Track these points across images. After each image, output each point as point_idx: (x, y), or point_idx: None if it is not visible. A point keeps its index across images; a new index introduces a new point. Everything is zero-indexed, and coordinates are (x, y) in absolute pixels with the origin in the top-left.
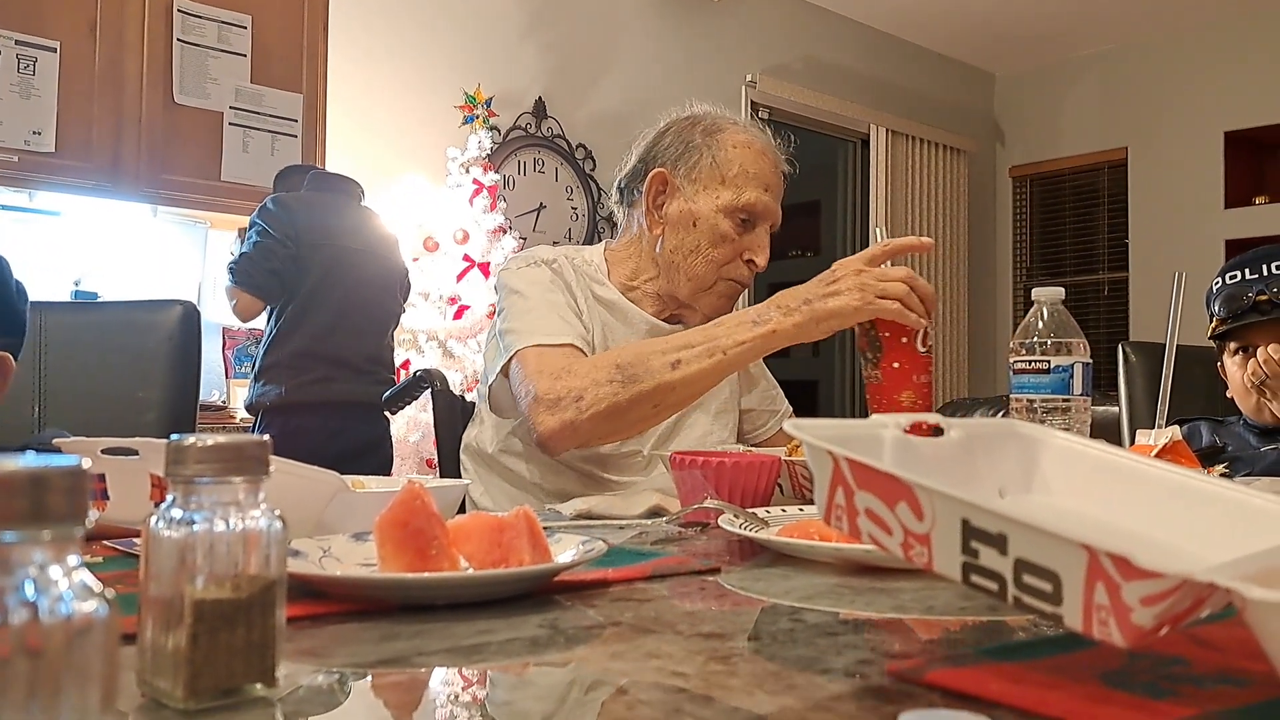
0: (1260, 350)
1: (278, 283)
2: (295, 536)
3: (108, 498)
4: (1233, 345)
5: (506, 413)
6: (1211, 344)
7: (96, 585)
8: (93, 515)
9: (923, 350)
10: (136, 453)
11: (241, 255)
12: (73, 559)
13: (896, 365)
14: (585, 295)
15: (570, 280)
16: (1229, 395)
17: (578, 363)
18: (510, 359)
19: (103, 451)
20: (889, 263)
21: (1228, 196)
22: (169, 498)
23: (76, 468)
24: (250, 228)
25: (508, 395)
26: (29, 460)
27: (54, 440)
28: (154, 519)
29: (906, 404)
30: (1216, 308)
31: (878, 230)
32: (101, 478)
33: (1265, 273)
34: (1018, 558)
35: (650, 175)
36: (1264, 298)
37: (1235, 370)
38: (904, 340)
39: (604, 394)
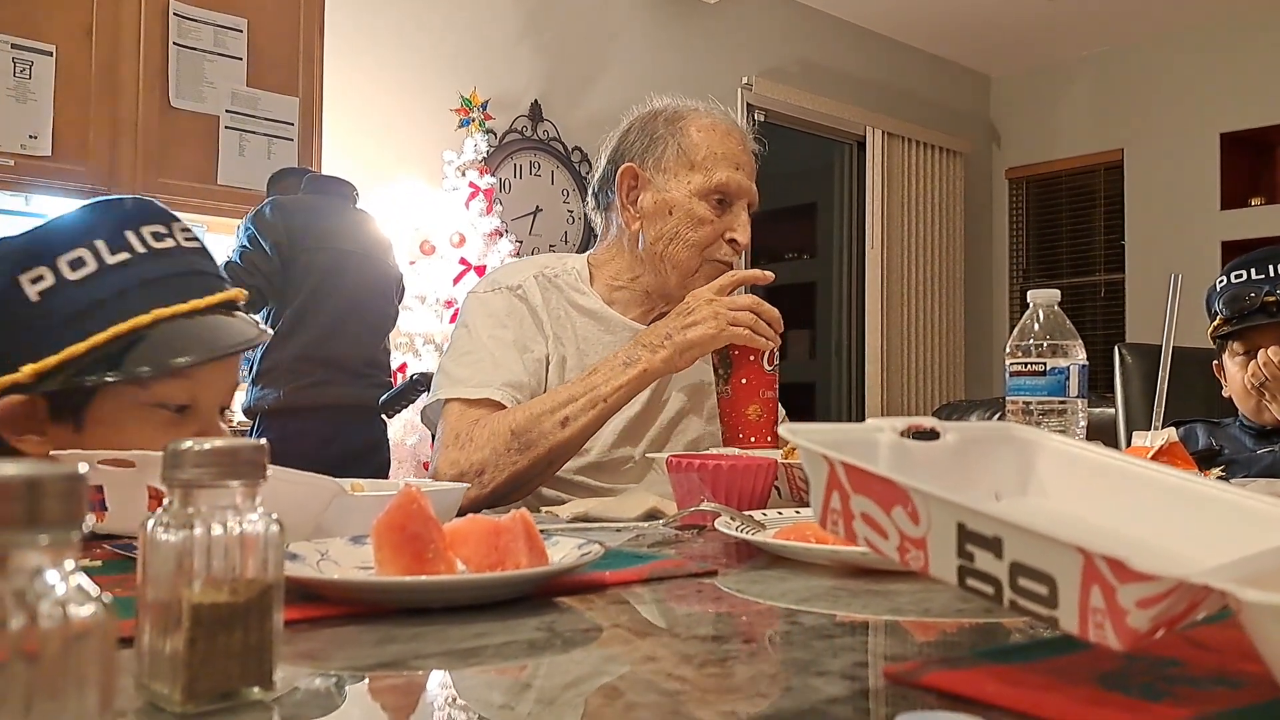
0: (1261, 352)
1: (259, 295)
2: (293, 541)
3: (106, 509)
4: (1237, 346)
5: (435, 430)
6: (1212, 344)
7: (94, 589)
8: (90, 524)
9: (769, 368)
10: (133, 465)
11: (226, 264)
12: (69, 563)
13: (745, 381)
14: (559, 312)
15: (536, 303)
16: (1226, 395)
17: (479, 429)
18: (437, 401)
19: (100, 463)
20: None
21: (1224, 198)
22: (166, 501)
23: (73, 472)
24: (241, 234)
25: (433, 428)
26: (25, 465)
27: (51, 452)
28: (151, 523)
29: (753, 417)
30: (1220, 307)
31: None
32: (99, 489)
33: (1273, 273)
34: (1013, 561)
35: (620, 171)
36: (1272, 299)
37: (1236, 371)
38: (751, 359)
39: (504, 464)
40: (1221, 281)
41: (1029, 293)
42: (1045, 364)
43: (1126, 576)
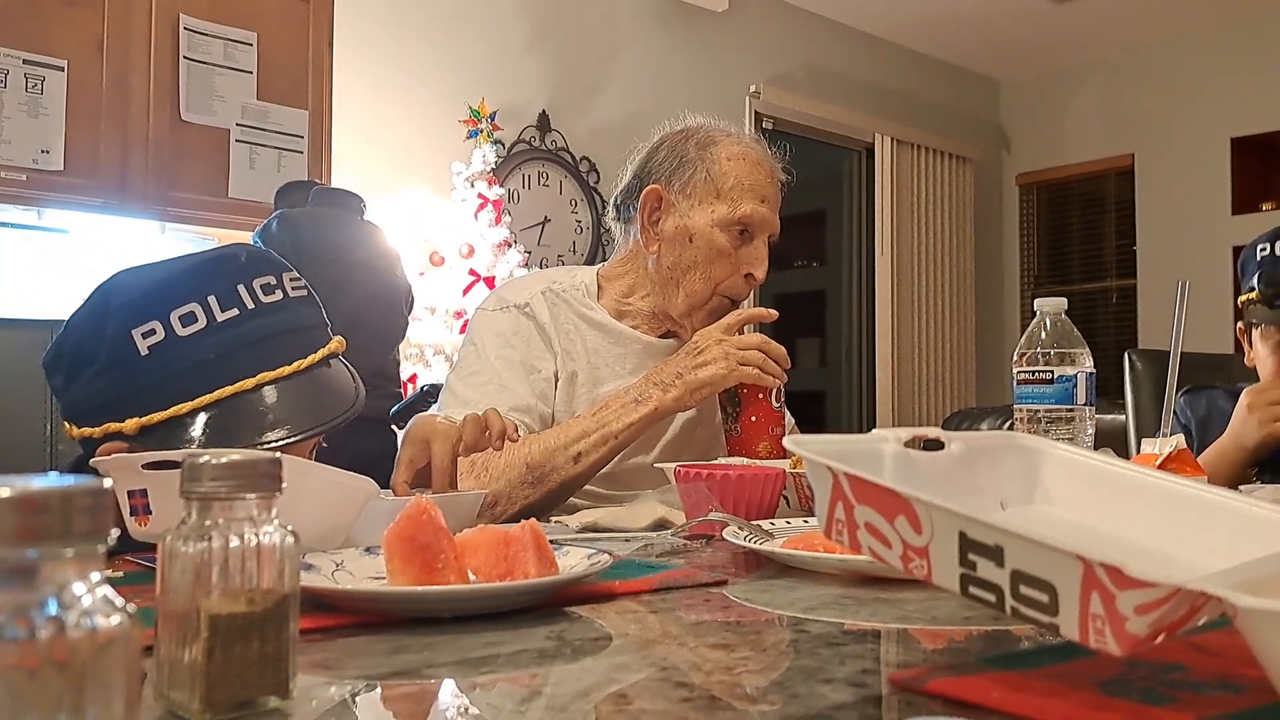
0: None
1: None
2: (330, 542)
3: (150, 512)
4: (1272, 331)
5: None
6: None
7: (119, 600)
8: (136, 530)
9: (776, 406)
10: (179, 465)
11: None
12: (95, 574)
13: (754, 419)
14: (568, 327)
15: (544, 320)
16: (1250, 364)
17: (495, 458)
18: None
19: (144, 466)
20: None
21: (1235, 203)
22: (185, 513)
23: (98, 486)
24: None
25: None
26: (52, 479)
27: (92, 461)
28: (170, 535)
29: (763, 454)
30: (1258, 282)
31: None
32: (144, 493)
33: None
34: (1014, 569)
35: (645, 192)
36: None
37: (1268, 356)
38: (760, 397)
39: (517, 497)
40: (1264, 249)
41: (1036, 301)
42: (1053, 372)
43: (1124, 583)
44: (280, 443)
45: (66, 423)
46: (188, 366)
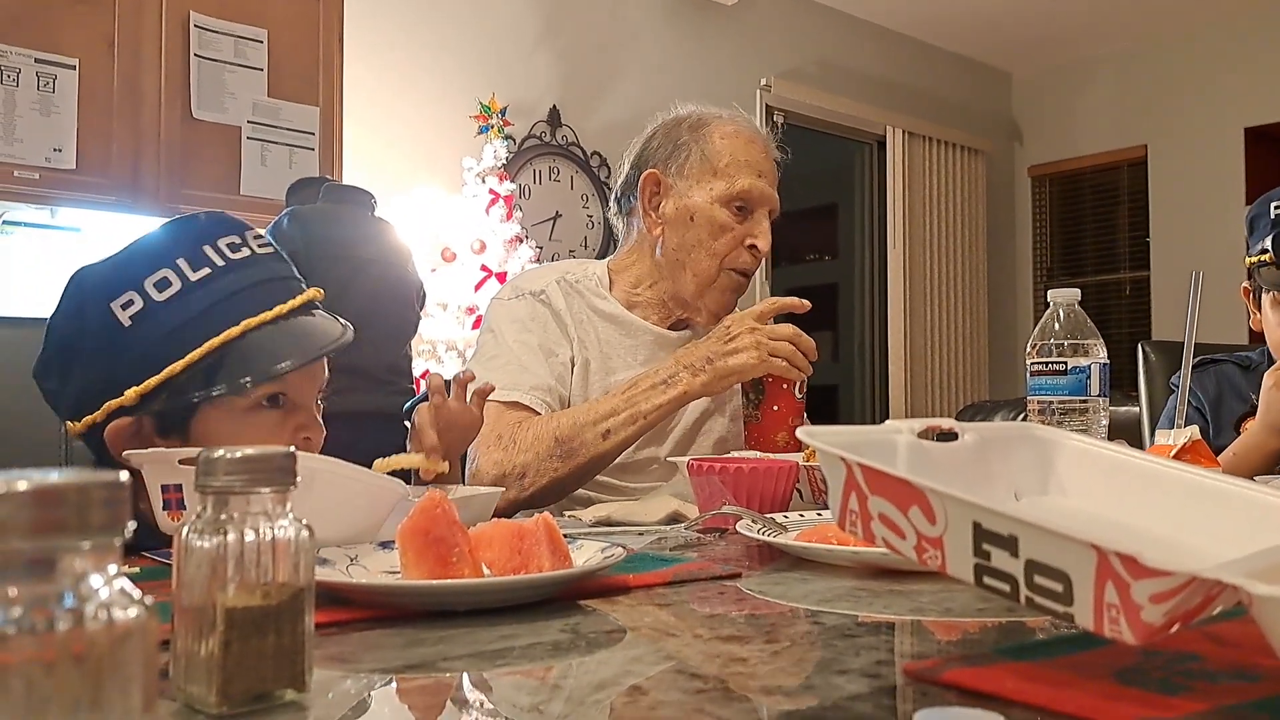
0: None
1: None
2: (359, 542)
3: (184, 508)
4: None
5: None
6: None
7: (136, 592)
8: (167, 525)
9: (799, 397)
10: None
11: None
12: (112, 567)
13: (776, 409)
14: (582, 316)
15: (560, 307)
16: (1256, 328)
17: (522, 432)
18: None
19: (180, 461)
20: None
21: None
22: (200, 508)
23: (115, 479)
24: None
25: None
26: (68, 474)
27: (125, 453)
28: (186, 530)
29: (781, 443)
30: (1270, 244)
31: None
32: (178, 487)
33: None
34: (1029, 559)
35: (643, 177)
36: None
37: (1278, 324)
38: (784, 387)
39: (545, 469)
40: (1277, 207)
41: (1049, 292)
42: (1066, 363)
43: (1139, 572)
44: (284, 371)
45: (69, 422)
46: (172, 328)
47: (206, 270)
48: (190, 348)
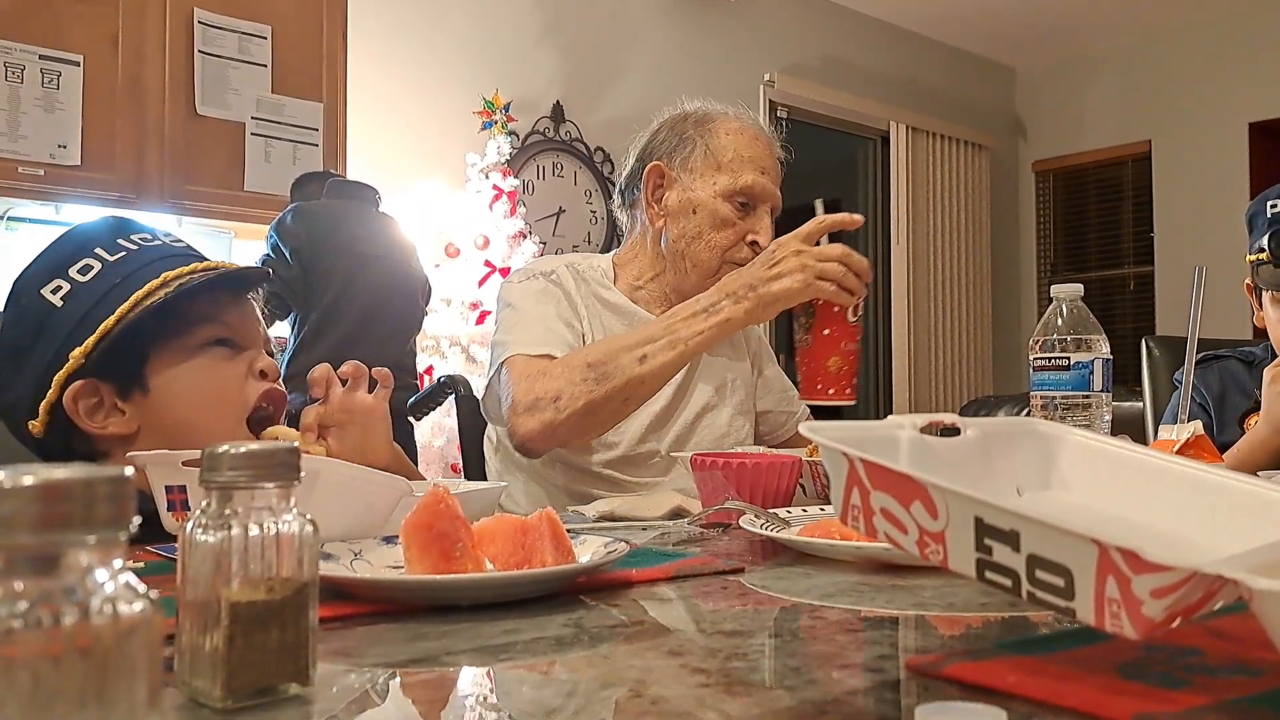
0: None
1: (280, 302)
2: (363, 539)
3: (188, 509)
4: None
5: (497, 421)
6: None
7: (141, 586)
8: (172, 525)
9: (853, 319)
10: None
11: None
12: (118, 561)
13: (827, 332)
14: (588, 302)
15: (570, 288)
16: (1259, 324)
17: (552, 365)
18: (498, 370)
19: (184, 464)
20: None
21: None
22: (204, 503)
23: (120, 474)
24: (266, 242)
25: (497, 404)
26: (73, 468)
27: (128, 455)
28: (190, 525)
29: (833, 369)
30: (1268, 242)
31: (818, 204)
32: (182, 489)
33: None
34: (1030, 554)
35: (647, 169)
36: None
37: (1278, 322)
38: (836, 310)
39: (579, 392)
40: (1274, 206)
41: (1052, 287)
42: (1069, 358)
43: (1140, 567)
44: (201, 280)
45: (30, 423)
46: (100, 296)
47: (124, 252)
48: (118, 304)
